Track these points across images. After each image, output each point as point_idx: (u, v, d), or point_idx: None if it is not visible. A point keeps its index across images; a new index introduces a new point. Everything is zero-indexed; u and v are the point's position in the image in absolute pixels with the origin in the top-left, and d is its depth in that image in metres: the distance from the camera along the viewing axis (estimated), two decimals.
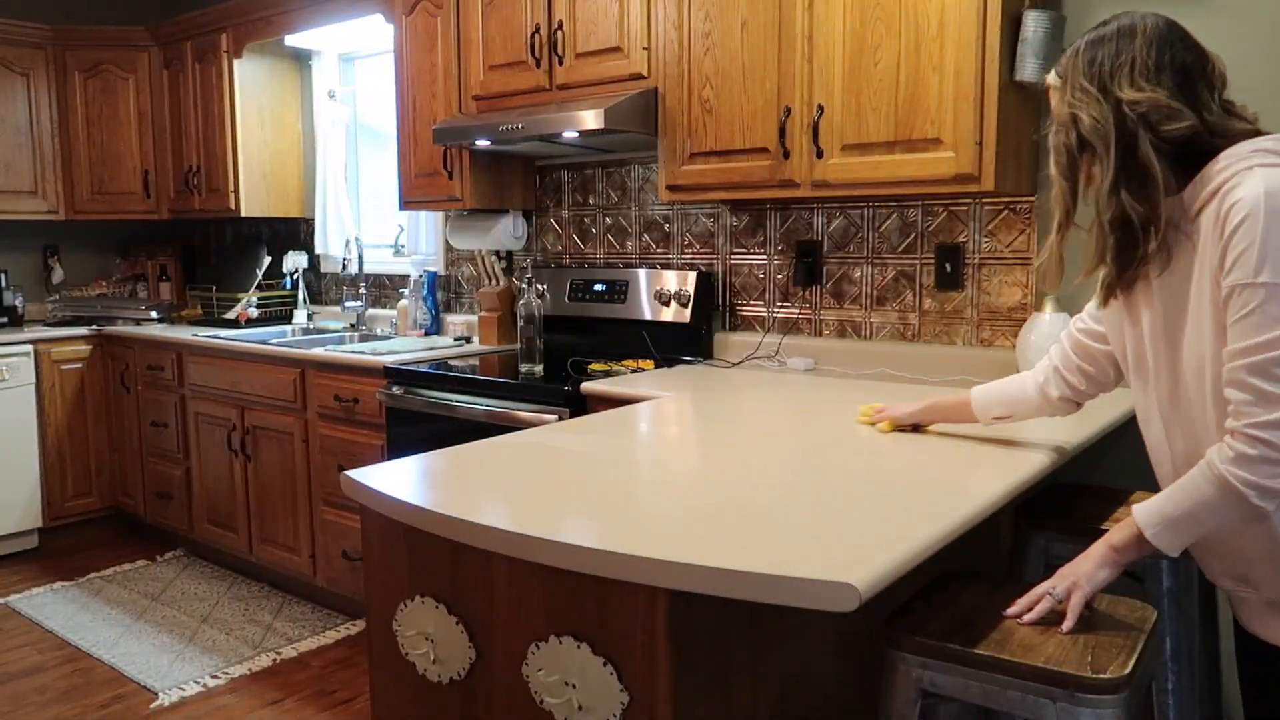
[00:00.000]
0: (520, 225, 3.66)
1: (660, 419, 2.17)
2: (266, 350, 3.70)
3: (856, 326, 2.92)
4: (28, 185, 4.61)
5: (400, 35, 3.56)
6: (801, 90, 2.55)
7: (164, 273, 5.11)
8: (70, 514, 4.51)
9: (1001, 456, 1.80)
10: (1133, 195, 1.33)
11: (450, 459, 1.77)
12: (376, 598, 1.64)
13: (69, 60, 4.66)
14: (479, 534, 1.37)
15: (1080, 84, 1.38)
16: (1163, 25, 1.38)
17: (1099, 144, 1.36)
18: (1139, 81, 1.34)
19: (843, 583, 1.11)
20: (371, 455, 3.29)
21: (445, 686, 1.52)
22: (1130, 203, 1.34)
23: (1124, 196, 1.34)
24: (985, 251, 2.67)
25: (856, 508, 1.43)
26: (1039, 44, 2.28)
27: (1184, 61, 1.35)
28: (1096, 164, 1.37)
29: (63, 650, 3.35)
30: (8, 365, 4.24)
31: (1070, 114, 1.39)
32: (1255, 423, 1.23)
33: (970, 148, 2.29)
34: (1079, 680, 1.28)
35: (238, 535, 3.95)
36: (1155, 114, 1.32)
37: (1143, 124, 1.33)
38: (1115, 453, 2.35)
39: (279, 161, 4.55)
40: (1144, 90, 1.33)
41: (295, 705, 2.94)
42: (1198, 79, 1.35)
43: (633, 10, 2.88)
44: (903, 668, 1.41)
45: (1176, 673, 1.82)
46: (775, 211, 3.07)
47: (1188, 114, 1.32)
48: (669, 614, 1.26)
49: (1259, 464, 1.23)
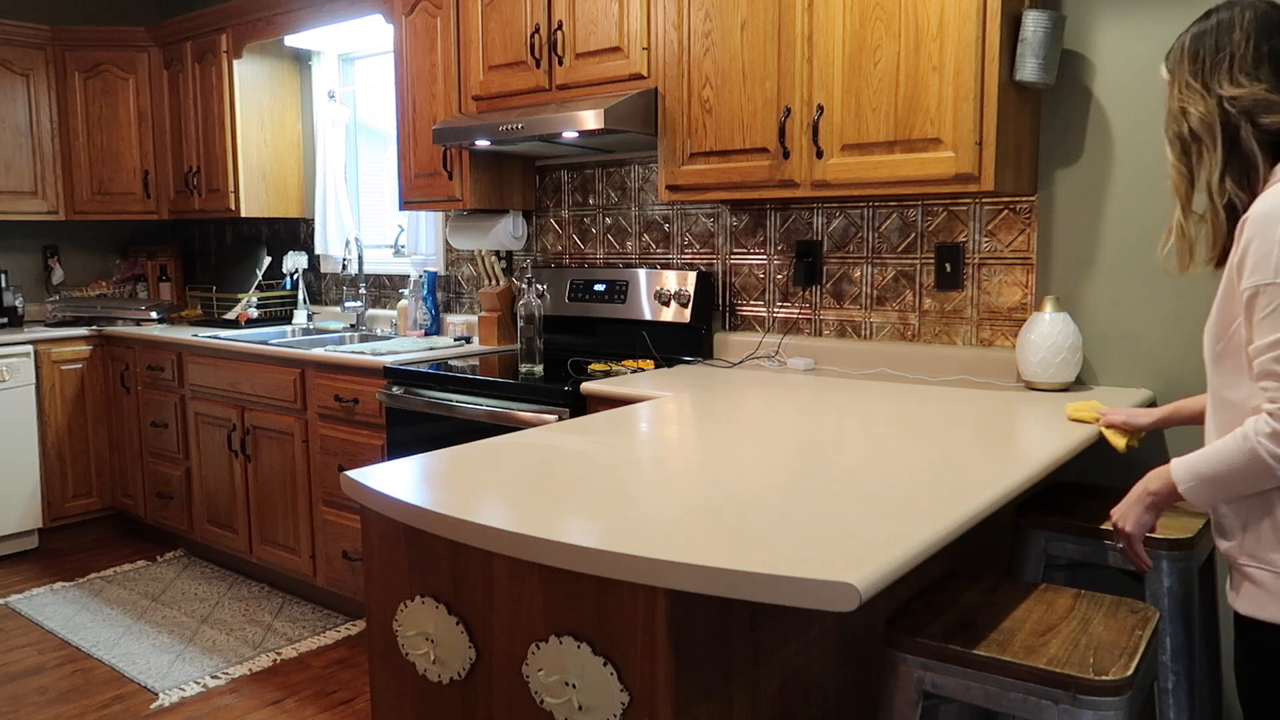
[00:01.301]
0: (520, 225, 3.65)
1: (660, 419, 2.17)
2: (266, 350, 3.70)
3: (856, 326, 2.92)
4: (28, 185, 4.61)
5: (400, 35, 3.56)
6: (801, 90, 2.55)
7: (164, 273, 5.11)
8: (70, 514, 4.51)
9: (1001, 457, 1.80)
10: (1237, 184, 1.44)
11: (450, 459, 1.77)
12: (376, 598, 1.64)
13: (69, 60, 4.66)
14: (479, 534, 1.37)
15: (1186, 80, 1.48)
16: (1260, 16, 1.44)
17: (1206, 137, 1.46)
18: (1238, 77, 1.43)
19: (843, 583, 1.11)
20: (371, 455, 3.29)
21: (445, 686, 1.52)
22: (1234, 190, 1.45)
23: (1229, 185, 1.45)
24: (985, 251, 2.66)
25: (856, 507, 1.43)
26: (1039, 44, 2.28)
27: None
28: (1206, 154, 1.47)
29: (63, 650, 3.35)
30: (8, 365, 4.24)
31: (1180, 108, 1.49)
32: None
33: (970, 148, 2.29)
34: (1081, 682, 1.28)
35: (238, 535, 3.95)
36: (1256, 107, 1.41)
37: (1244, 117, 1.42)
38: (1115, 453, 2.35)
39: (279, 162, 4.55)
40: (1243, 86, 1.42)
41: (295, 705, 2.94)
42: None
43: (633, 10, 2.88)
44: (903, 669, 1.41)
45: (1177, 673, 1.82)
46: (775, 211, 3.07)
47: None
48: (669, 614, 1.26)
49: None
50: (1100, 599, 1.56)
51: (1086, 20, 2.45)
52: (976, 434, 1.99)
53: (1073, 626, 1.45)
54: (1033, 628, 1.44)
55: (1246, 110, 1.42)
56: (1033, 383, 2.45)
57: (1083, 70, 2.46)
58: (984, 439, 1.96)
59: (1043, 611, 1.51)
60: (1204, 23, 1.49)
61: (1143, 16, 2.38)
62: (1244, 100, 1.41)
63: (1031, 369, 2.43)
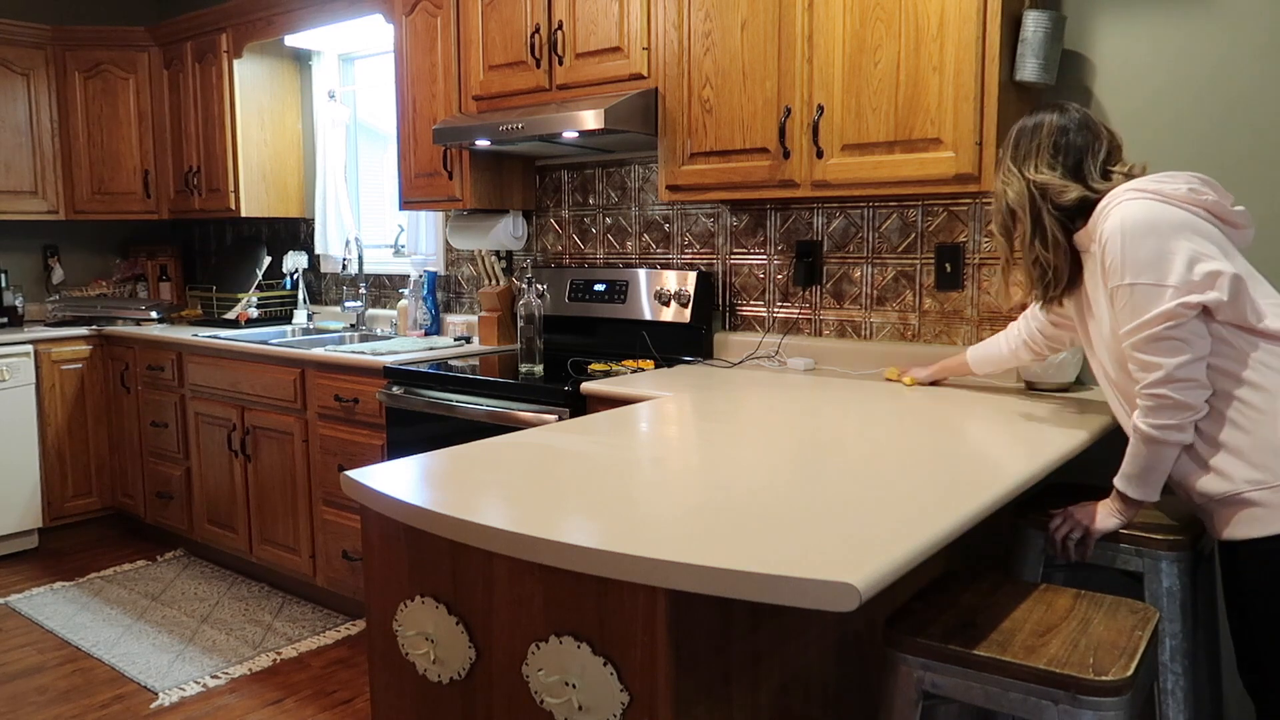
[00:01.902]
0: (520, 225, 3.65)
1: (660, 419, 2.17)
2: (266, 350, 3.70)
3: (856, 326, 2.92)
4: (28, 185, 4.61)
5: (400, 35, 3.56)
6: (801, 90, 2.55)
7: (164, 273, 5.11)
8: (70, 514, 4.51)
9: (1001, 456, 1.80)
10: (1043, 246, 1.86)
11: (450, 459, 1.77)
12: (376, 598, 1.64)
13: (69, 60, 4.66)
14: (479, 534, 1.37)
15: (1007, 165, 1.91)
16: (1060, 120, 1.86)
17: (1020, 210, 1.88)
18: (1041, 166, 1.85)
19: (843, 583, 1.11)
20: (371, 455, 3.29)
21: (445, 686, 1.52)
22: (1041, 252, 1.86)
23: (1037, 247, 1.86)
24: (985, 251, 2.66)
25: (856, 507, 1.43)
26: (1039, 44, 2.28)
27: (1077, 145, 1.84)
28: (1019, 224, 1.89)
29: (63, 650, 3.35)
30: (8, 365, 4.24)
31: (1002, 188, 1.92)
32: (1146, 383, 1.67)
33: (970, 148, 2.29)
34: (1081, 682, 1.28)
35: (238, 535, 3.95)
36: (1051, 189, 1.83)
37: (1042, 196, 1.84)
38: (1114, 453, 2.35)
39: (279, 162, 4.56)
40: (1044, 173, 1.85)
41: (295, 705, 2.94)
42: (1086, 158, 1.84)
43: (633, 10, 2.88)
44: (903, 669, 1.41)
45: (1177, 674, 1.82)
46: (775, 211, 3.07)
47: (1074, 187, 1.82)
48: (669, 614, 1.26)
49: (1158, 412, 1.67)
50: (1100, 599, 1.56)
51: (1086, 20, 2.45)
52: (976, 434, 1.99)
53: (1073, 627, 1.45)
54: (1033, 628, 1.44)
55: (1044, 191, 1.83)
56: (1033, 383, 2.45)
57: (1083, 70, 2.46)
58: (984, 439, 1.96)
59: (1043, 612, 1.51)
60: (1026, 121, 1.91)
61: (1143, 16, 2.38)
62: (1042, 183, 1.83)
63: (1031, 369, 2.43)
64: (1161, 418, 1.66)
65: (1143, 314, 1.66)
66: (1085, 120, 1.88)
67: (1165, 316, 1.63)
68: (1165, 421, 1.66)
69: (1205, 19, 2.30)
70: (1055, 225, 1.84)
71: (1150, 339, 1.65)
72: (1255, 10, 2.24)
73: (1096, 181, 1.83)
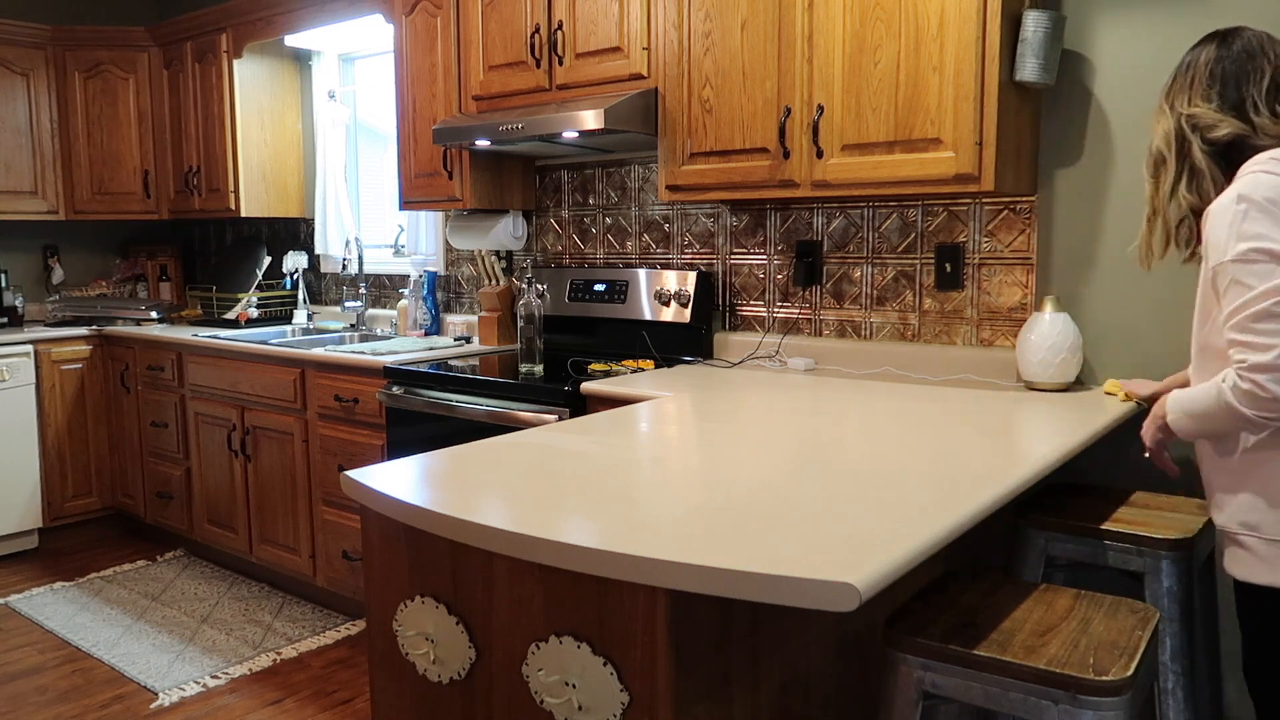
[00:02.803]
0: (520, 225, 3.65)
1: (660, 419, 2.17)
2: (266, 350, 3.70)
3: (856, 326, 2.92)
4: (28, 185, 4.61)
5: (400, 35, 3.56)
6: (801, 90, 2.55)
7: (164, 273, 5.11)
8: (70, 514, 4.51)
9: (1001, 456, 1.80)
10: (1188, 190, 1.67)
11: (450, 459, 1.77)
12: (376, 598, 1.64)
13: (69, 60, 4.66)
14: (479, 534, 1.37)
15: (1160, 104, 1.74)
16: (1219, 50, 1.67)
17: (1166, 150, 1.70)
18: (1196, 99, 1.67)
19: (843, 583, 1.11)
20: (371, 455, 3.29)
21: (445, 686, 1.52)
22: (1186, 196, 1.67)
23: (1181, 192, 1.68)
24: (985, 251, 2.66)
25: (856, 507, 1.43)
26: (1039, 44, 2.28)
27: (1233, 74, 1.65)
28: (1165, 170, 1.71)
29: (63, 650, 3.35)
30: (8, 365, 4.24)
31: (1153, 133, 1.74)
32: (1246, 365, 1.52)
33: (970, 148, 2.29)
34: (1081, 682, 1.28)
35: (238, 535, 3.95)
36: (1202, 122, 1.65)
37: (1193, 129, 1.66)
38: (1115, 453, 2.35)
39: (279, 162, 4.55)
40: (1198, 104, 1.66)
41: (295, 705, 2.94)
42: (1246, 86, 1.64)
43: (633, 10, 2.88)
44: (904, 669, 1.41)
45: (1177, 674, 1.82)
46: (775, 211, 3.07)
47: (1229, 121, 1.63)
48: (669, 614, 1.26)
49: (1247, 396, 1.53)
50: (1100, 599, 1.56)
51: (1086, 20, 2.45)
52: (976, 434, 1.99)
53: (1073, 627, 1.45)
54: (1033, 628, 1.44)
55: (1196, 125, 1.66)
56: (1033, 383, 2.45)
57: (1083, 70, 2.46)
58: (984, 439, 1.96)
59: (1043, 612, 1.51)
60: (1187, 54, 1.74)
61: (1143, 16, 2.38)
62: (1195, 117, 1.66)
63: (1031, 369, 2.43)
64: (1246, 400, 1.52)
65: (1251, 290, 1.50)
66: (1248, 46, 1.66)
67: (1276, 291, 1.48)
68: (1249, 408, 1.52)
69: (1205, 19, 2.30)
70: (1207, 162, 1.65)
71: (1258, 315, 1.49)
72: (1255, 10, 2.23)
73: (1263, 117, 1.62)
